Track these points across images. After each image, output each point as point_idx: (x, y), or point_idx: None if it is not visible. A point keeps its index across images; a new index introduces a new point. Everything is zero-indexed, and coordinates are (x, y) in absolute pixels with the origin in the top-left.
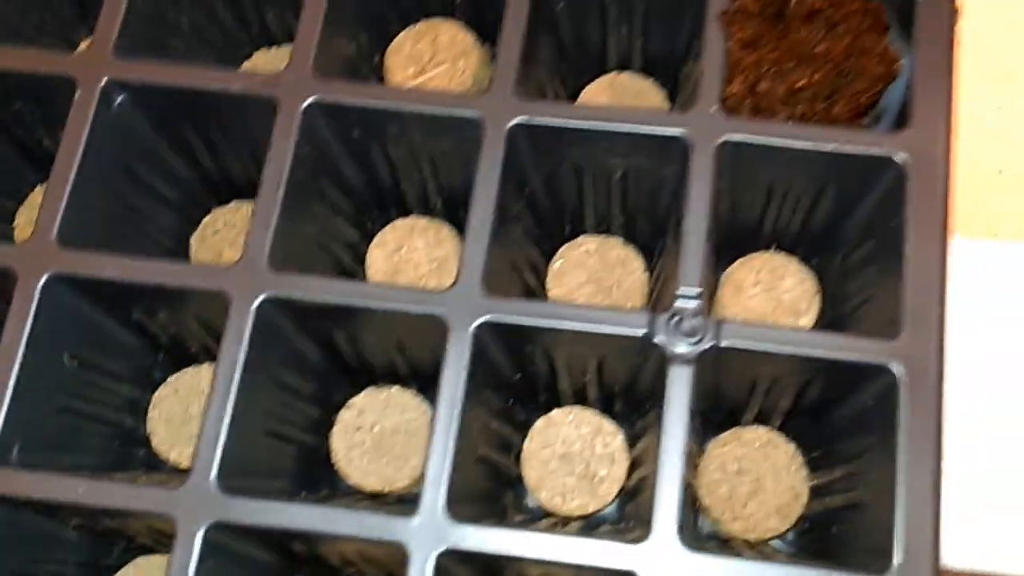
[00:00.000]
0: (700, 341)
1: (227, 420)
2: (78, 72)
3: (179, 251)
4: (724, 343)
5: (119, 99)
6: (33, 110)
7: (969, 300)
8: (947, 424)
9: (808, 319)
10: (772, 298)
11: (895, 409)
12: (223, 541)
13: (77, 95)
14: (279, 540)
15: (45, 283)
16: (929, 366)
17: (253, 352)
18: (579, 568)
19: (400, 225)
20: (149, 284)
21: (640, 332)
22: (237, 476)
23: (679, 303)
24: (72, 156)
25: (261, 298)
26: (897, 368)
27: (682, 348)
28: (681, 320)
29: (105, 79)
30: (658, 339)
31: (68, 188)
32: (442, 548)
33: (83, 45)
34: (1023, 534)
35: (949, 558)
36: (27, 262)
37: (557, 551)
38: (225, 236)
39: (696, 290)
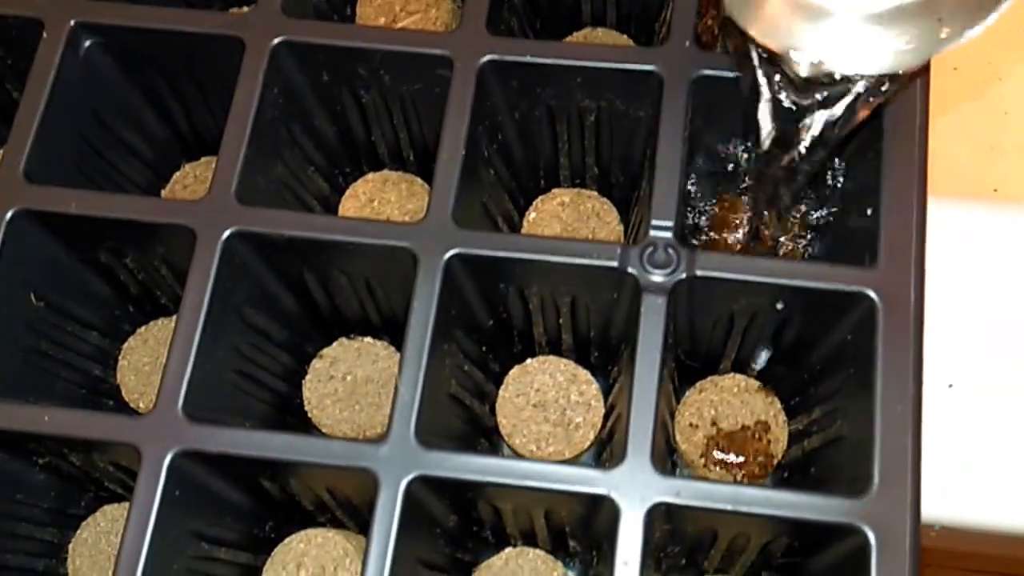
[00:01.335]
0: (674, 271)
1: (193, 351)
2: (46, 14)
3: None
4: (699, 272)
5: (87, 43)
6: (1, 57)
7: (946, 260)
8: (927, 382)
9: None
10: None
11: (873, 337)
12: (189, 472)
13: (44, 37)
14: (248, 473)
15: (11, 218)
16: (906, 293)
17: (220, 286)
18: (553, 493)
19: (372, 178)
20: (115, 219)
21: (613, 263)
22: (204, 411)
23: (652, 233)
24: (39, 94)
25: (228, 232)
26: (873, 295)
27: (656, 277)
28: (655, 250)
29: (72, 21)
30: (631, 269)
31: (35, 125)
32: (412, 475)
33: None
34: (1004, 488)
35: (930, 512)
36: None
37: (531, 476)
38: (196, 191)
39: (669, 222)
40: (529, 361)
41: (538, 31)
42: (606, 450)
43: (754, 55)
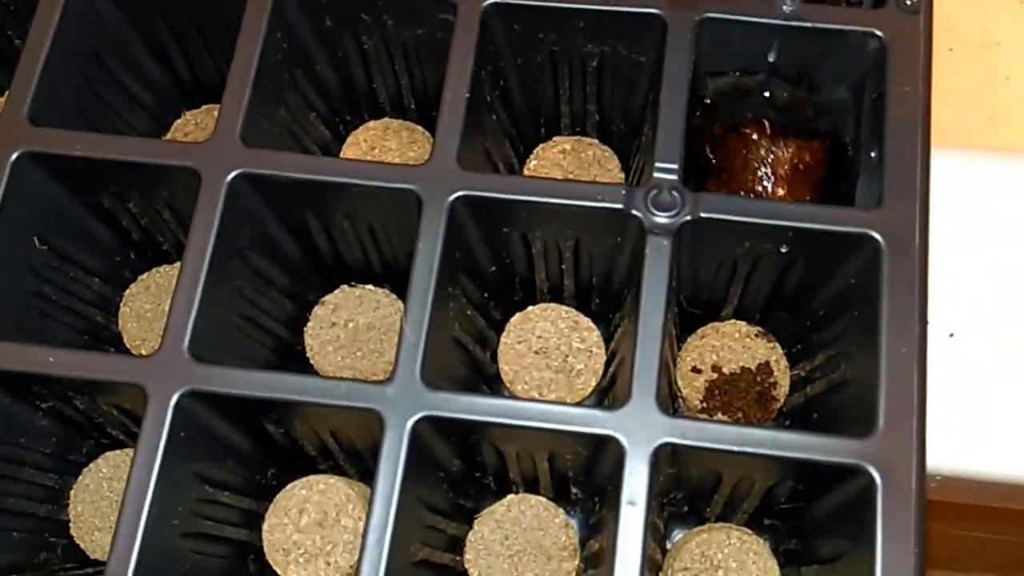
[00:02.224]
0: (679, 213)
1: (199, 292)
2: None
3: None
4: (703, 214)
5: None
6: (4, 3)
7: (945, 209)
8: (933, 335)
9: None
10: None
11: (878, 279)
12: (195, 413)
13: None
14: (253, 415)
15: (15, 160)
16: (911, 235)
17: (225, 229)
18: (558, 434)
19: (373, 126)
20: (120, 161)
21: (618, 205)
22: (209, 352)
23: (657, 175)
24: (43, 37)
25: (233, 174)
26: (878, 237)
27: (661, 219)
28: (659, 192)
29: None
30: (636, 211)
31: (39, 67)
32: (418, 415)
33: None
34: (1007, 438)
35: (935, 462)
36: None
37: (536, 417)
38: (196, 139)
39: (674, 164)
40: (530, 308)
41: None
42: (607, 397)
43: None
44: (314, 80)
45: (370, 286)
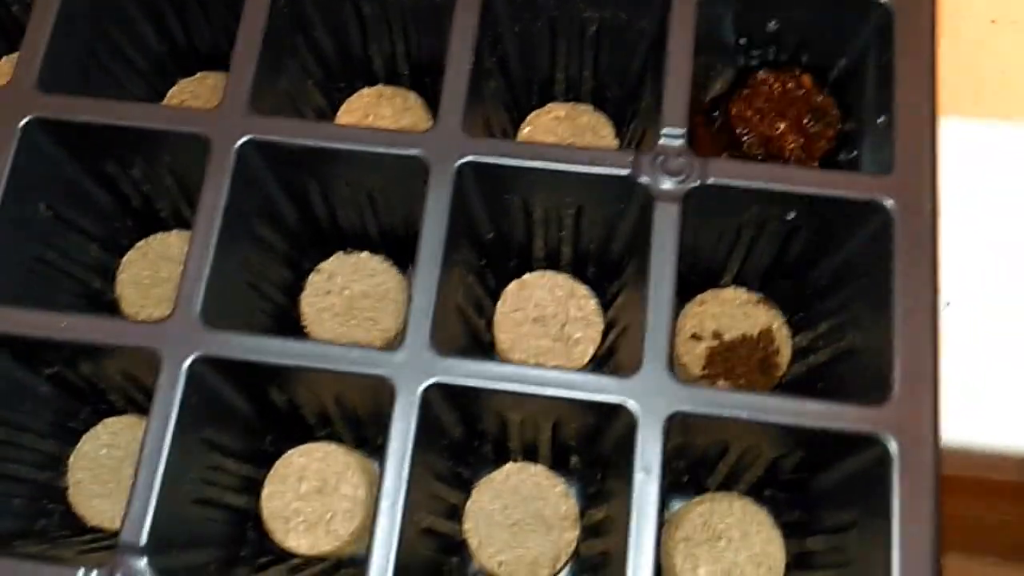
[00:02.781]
0: (687, 179)
1: (210, 258)
2: None
3: None
4: (711, 180)
5: None
6: None
7: (961, 182)
8: (945, 307)
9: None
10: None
11: (889, 246)
12: (207, 378)
13: None
14: (261, 381)
15: (25, 125)
16: (922, 200)
17: (234, 195)
18: (568, 402)
19: (367, 93)
20: (130, 127)
21: (624, 172)
22: (218, 318)
23: (663, 142)
24: (50, 5)
25: (242, 140)
26: (889, 203)
27: (668, 185)
28: (667, 158)
29: None
30: (643, 179)
31: (47, 34)
32: (429, 381)
33: None
34: (1005, 409)
35: (948, 434)
36: (7, 104)
37: (548, 383)
38: (192, 105)
39: (680, 129)
40: (527, 276)
41: None
42: (606, 366)
43: None
44: (312, 47)
45: (365, 253)
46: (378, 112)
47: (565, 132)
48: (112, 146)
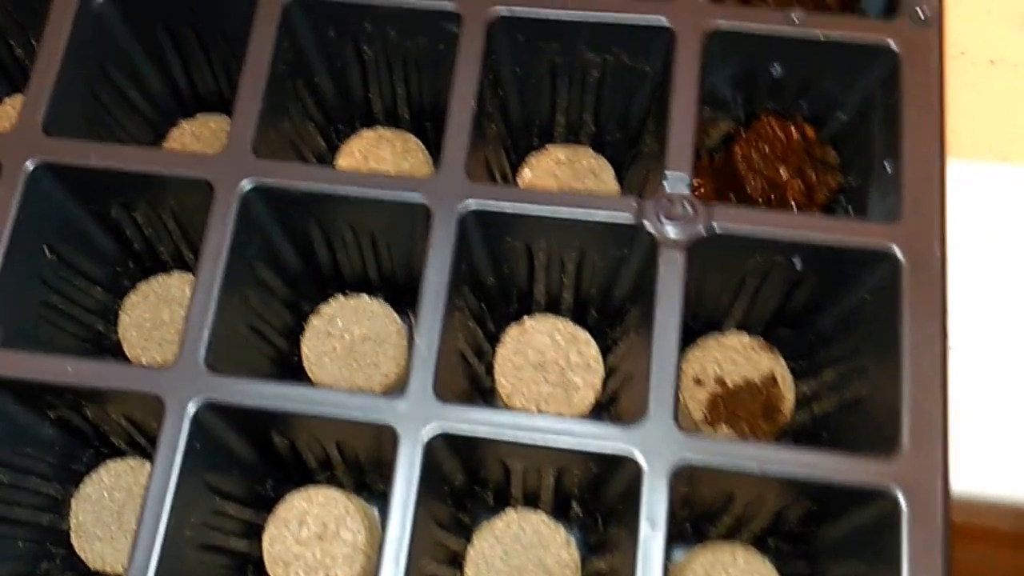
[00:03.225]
0: (692, 226)
1: (214, 303)
2: None
3: None
4: (717, 227)
5: None
6: (8, 12)
7: (967, 222)
8: (953, 353)
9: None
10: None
11: (898, 295)
12: (210, 423)
13: None
14: (263, 426)
15: (32, 170)
16: (931, 249)
17: (237, 239)
18: (573, 452)
19: (367, 135)
20: (134, 172)
21: (629, 218)
22: (221, 363)
23: (668, 188)
24: (56, 49)
25: (246, 185)
26: (898, 252)
27: (673, 233)
28: (671, 204)
29: None
30: (647, 225)
31: (52, 78)
32: (432, 430)
33: None
34: (1006, 457)
35: (955, 482)
36: (13, 149)
37: (551, 432)
38: (192, 148)
39: (685, 175)
40: (527, 320)
41: None
42: (608, 413)
43: None
44: (313, 90)
45: (365, 296)
46: (377, 154)
47: (565, 175)
48: (117, 190)
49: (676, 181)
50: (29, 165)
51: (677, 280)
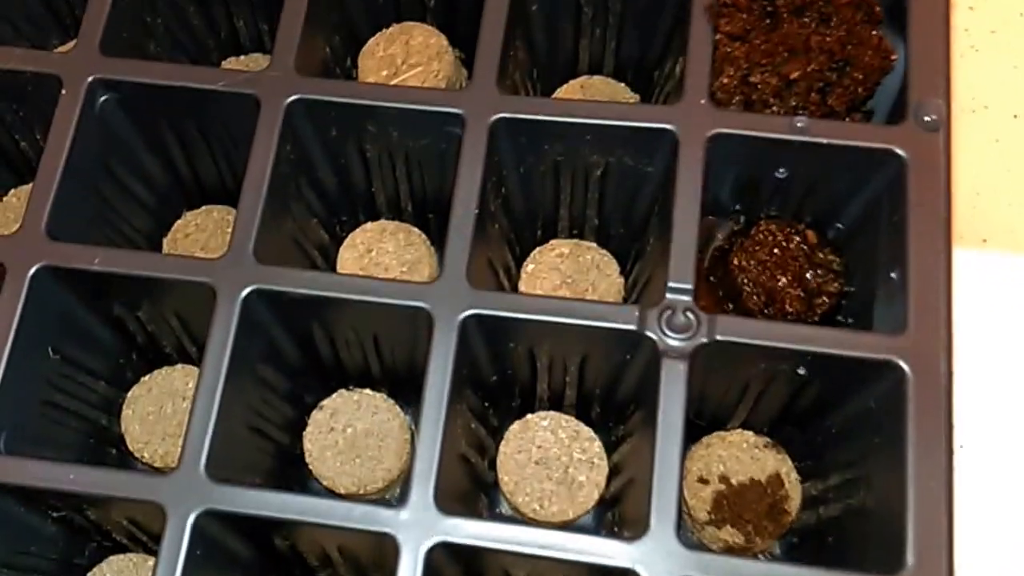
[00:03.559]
0: (694, 335)
1: (215, 410)
2: (64, 70)
3: (152, 252)
4: (719, 337)
5: (103, 97)
6: (14, 110)
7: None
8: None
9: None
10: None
11: (903, 408)
12: (211, 531)
13: (63, 93)
14: (265, 532)
15: (35, 274)
16: (937, 362)
17: (239, 344)
18: (574, 565)
19: (370, 228)
20: (138, 276)
21: (632, 327)
22: (222, 467)
23: (670, 296)
24: (59, 152)
25: (248, 290)
26: (904, 364)
27: (675, 342)
28: (673, 314)
29: (91, 77)
30: (650, 333)
31: (56, 182)
32: (433, 541)
33: (61, 48)
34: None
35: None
36: (17, 253)
37: (552, 546)
38: (196, 239)
39: (687, 285)
40: (530, 416)
41: (535, 79)
42: (611, 512)
43: None
44: (316, 186)
45: (368, 390)
46: (381, 247)
47: (569, 269)
48: (120, 292)
49: (679, 291)
50: (33, 269)
51: (680, 389)
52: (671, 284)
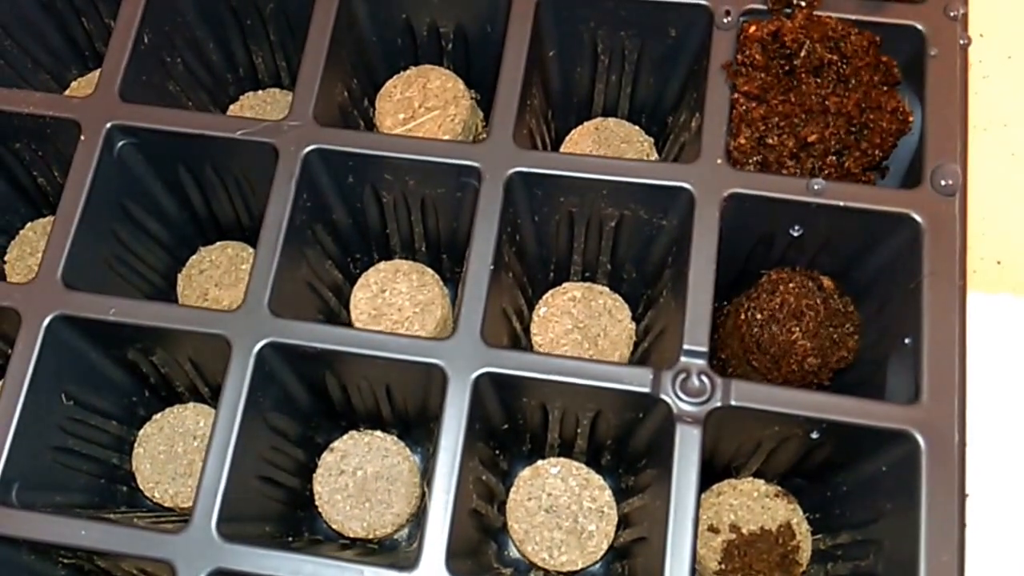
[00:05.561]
0: (708, 400)
1: (227, 466)
2: (83, 116)
3: (167, 289)
4: (733, 402)
5: (121, 143)
6: (33, 149)
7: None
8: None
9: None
10: None
11: (915, 476)
12: None
13: (82, 139)
14: None
15: (50, 323)
16: (950, 433)
17: (252, 396)
18: None
19: (384, 267)
20: (153, 327)
21: (646, 389)
22: (232, 521)
23: (684, 359)
24: (76, 199)
25: (262, 343)
26: (918, 435)
27: (689, 407)
28: (688, 377)
29: (110, 124)
30: (664, 396)
31: (72, 230)
32: None
33: (75, 84)
34: None
35: None
36: (33, 302)
37: None
38: (211, 275)
39: (703, 347)
40: (540, 463)
41: (550, 119)
42: (622, 565)
43: None
44: (331, 229)
45: (379, 432)
46: (394, 287)
47: (582, 314)
48: (134, 340)
49: (694, 354)
50: (49, 318)
51: (694, 457)
52: (686, 347)
